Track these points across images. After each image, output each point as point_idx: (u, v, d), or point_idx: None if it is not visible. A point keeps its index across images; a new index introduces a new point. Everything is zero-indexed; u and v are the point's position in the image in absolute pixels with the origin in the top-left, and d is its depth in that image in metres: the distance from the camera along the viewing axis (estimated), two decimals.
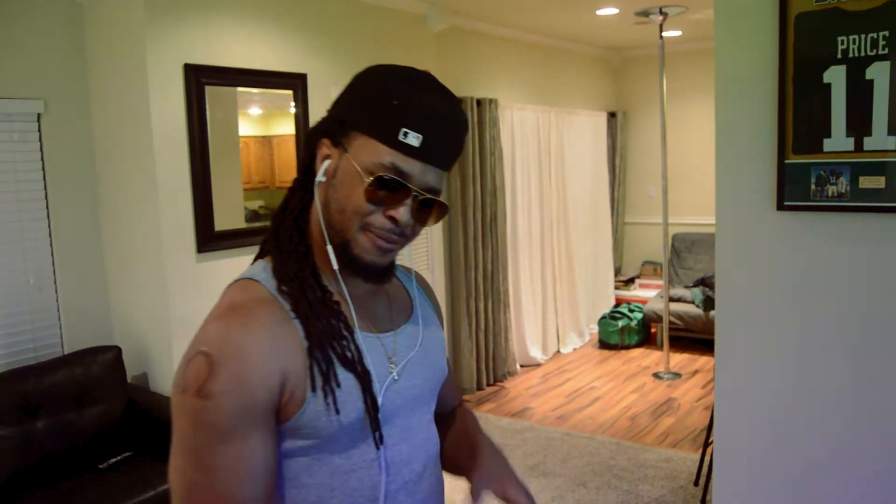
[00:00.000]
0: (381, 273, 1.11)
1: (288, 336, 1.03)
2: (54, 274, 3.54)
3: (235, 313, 1.03)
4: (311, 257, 1.11)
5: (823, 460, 2.42)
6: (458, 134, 1.09)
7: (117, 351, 3.43)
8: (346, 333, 1.08)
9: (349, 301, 1.11)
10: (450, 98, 1.08)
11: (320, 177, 1.08)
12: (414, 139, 1.02)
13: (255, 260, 1.17)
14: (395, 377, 1.12)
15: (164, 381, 3.56)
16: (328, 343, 1.05)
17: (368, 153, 1.04)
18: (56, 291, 3.55)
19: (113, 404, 3.32)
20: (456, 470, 1.27)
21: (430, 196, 1.07)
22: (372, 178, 1.03)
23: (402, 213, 1.05)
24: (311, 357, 1.03)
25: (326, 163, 1.08)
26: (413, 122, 1.02)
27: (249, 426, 0.99)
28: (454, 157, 1.10)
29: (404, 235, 1.08)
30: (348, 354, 1.07)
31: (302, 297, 1.06)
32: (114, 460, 3.26)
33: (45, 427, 3.08)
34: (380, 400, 1.08)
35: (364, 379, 1.07)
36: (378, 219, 1.05)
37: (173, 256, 3.47)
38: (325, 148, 1.09)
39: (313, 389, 1.02)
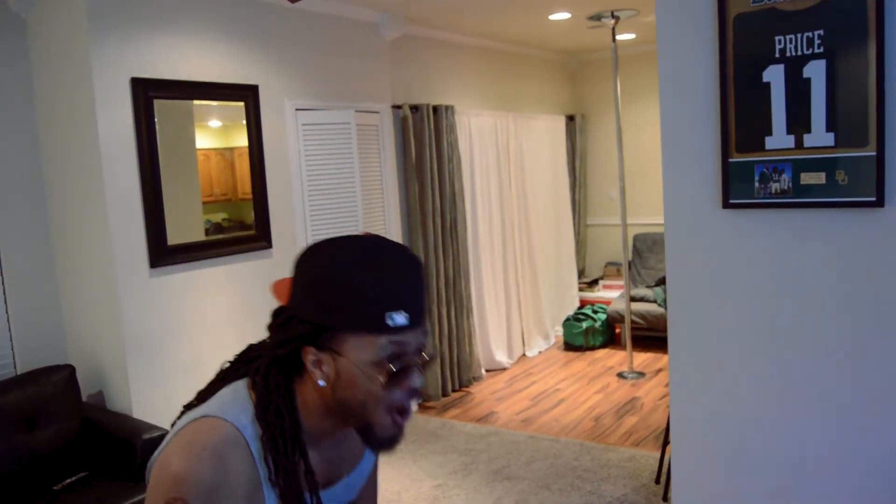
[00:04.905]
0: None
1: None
2: (4, 293, 3.47)
3: (216, 467, 1.06)
4: (298, 432, 1.13)
5: (775, 452, 2.46)
6: (422, 281, 1.14)
7: (71, 370, 3.37)
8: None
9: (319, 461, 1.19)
10: (403, 253, 1.13)
11: (322, 384, 1.11)
12: (401, 318, 1.07)
13: (228, 379, 1.20)
14: None
15: (120, 398, 3.51)
16: None
17: (365, 350, 1.08)
18: (6, 311, 3.48)
19: (67, 424, 3.26)
20: None
21: (428, 354, 1.14)
22: (385, 375, 1.08)
23: (418, 380, 1.12)
24: None
25: (324, 369, 1.10)
26: (394, 305, 1.07)
27: None
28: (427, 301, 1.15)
29: (419, 396, 1.17)
30: None
31: (283, 475, 1.10)
32: (69, 481, 3.19)
33: None
34: None
35: None
36: (399, 395, 1.11)
37: (125, 272, 3.42)
38: (312, 354, 1.10)
39: None
